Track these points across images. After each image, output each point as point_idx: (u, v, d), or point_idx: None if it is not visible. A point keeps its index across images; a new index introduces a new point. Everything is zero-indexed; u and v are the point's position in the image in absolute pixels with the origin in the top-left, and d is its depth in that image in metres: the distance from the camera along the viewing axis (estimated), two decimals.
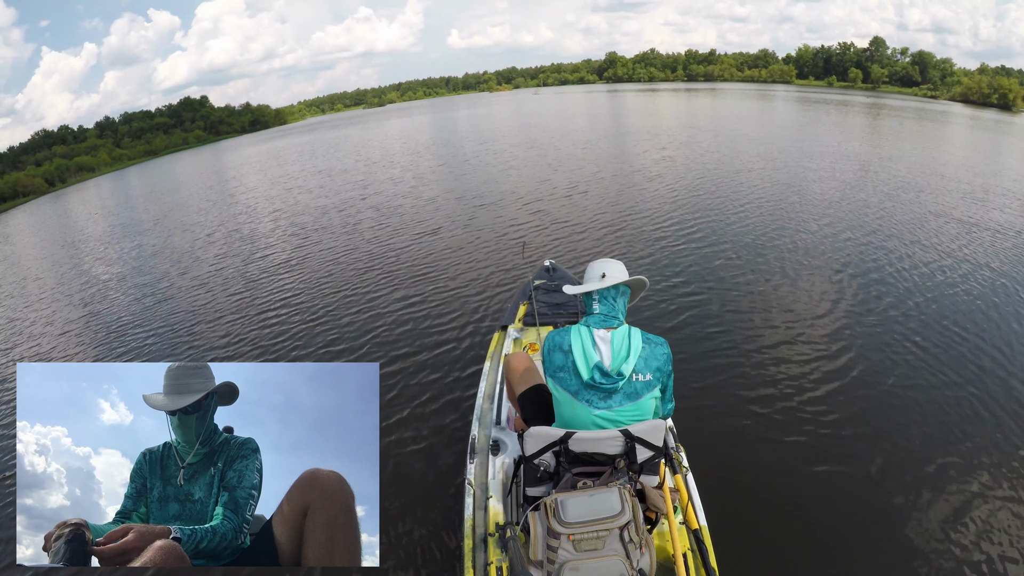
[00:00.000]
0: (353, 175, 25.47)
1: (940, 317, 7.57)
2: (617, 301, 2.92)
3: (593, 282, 2.94)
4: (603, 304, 2.89)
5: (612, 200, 15.36)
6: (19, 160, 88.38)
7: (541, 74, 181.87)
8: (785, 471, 4.92)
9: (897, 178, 16.74)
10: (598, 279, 2.93)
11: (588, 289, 2.92)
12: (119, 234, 21.00)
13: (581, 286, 2.99)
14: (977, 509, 4.45)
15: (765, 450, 5.17)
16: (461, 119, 61.05)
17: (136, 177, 54.79)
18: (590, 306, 2.93)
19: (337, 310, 9.48)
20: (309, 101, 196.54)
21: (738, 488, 4.68)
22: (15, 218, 40.33)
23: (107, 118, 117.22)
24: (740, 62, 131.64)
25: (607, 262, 3.01)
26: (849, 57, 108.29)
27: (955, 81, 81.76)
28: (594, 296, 2.92)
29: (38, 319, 12.02)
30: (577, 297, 5.89)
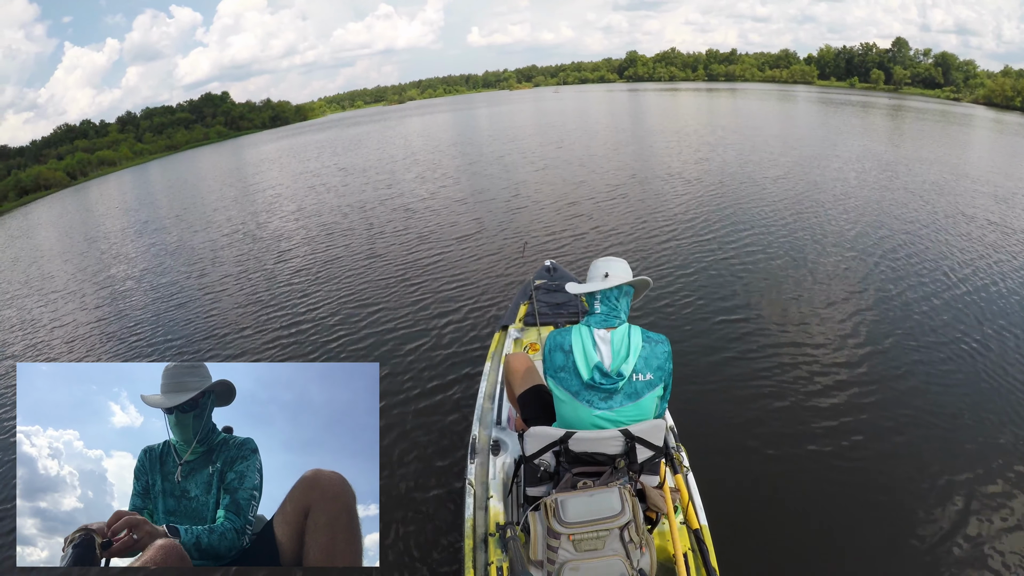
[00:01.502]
0: (354, 176, 25.52)
1: (953, 320, 7.49)
2: (620, 301, 2.87)
3: (596, 282, 2.89)
4: (605, 304, 2.85)
5: (619, 199, 15.33)
6: (41, 154, 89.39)
7: (561, 72, 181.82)
8: (786, 471, 4.91)
9: (926, 180, 16.54)
10: (601, 279, 2.89)
11: (591, 289, 2.87)
12: (132, 231, 21.20)
13: (584, 285, 2.96)
14: (982, 513, 4.40)
15: (766, 450, 5.16)
16: (474, 118, 60.95)
17: (157, 171, 55.32)
18: (592, 305, 2.89)
19: (337, 310, 9.49)
20: (329, 98, 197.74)
21: (739, 488, 4.67)
22: (37, 211, 40.84)
23: (128, 113, 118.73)
24: (761, 62, 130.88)
25: (611, 261, 2.97)
26: (871, 58, 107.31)
27: (978, 83, 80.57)
28: (596, 296, 2.87)
29: (49, 317, 12.13)
30: (578, 297, 5.90)
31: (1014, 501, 4.50)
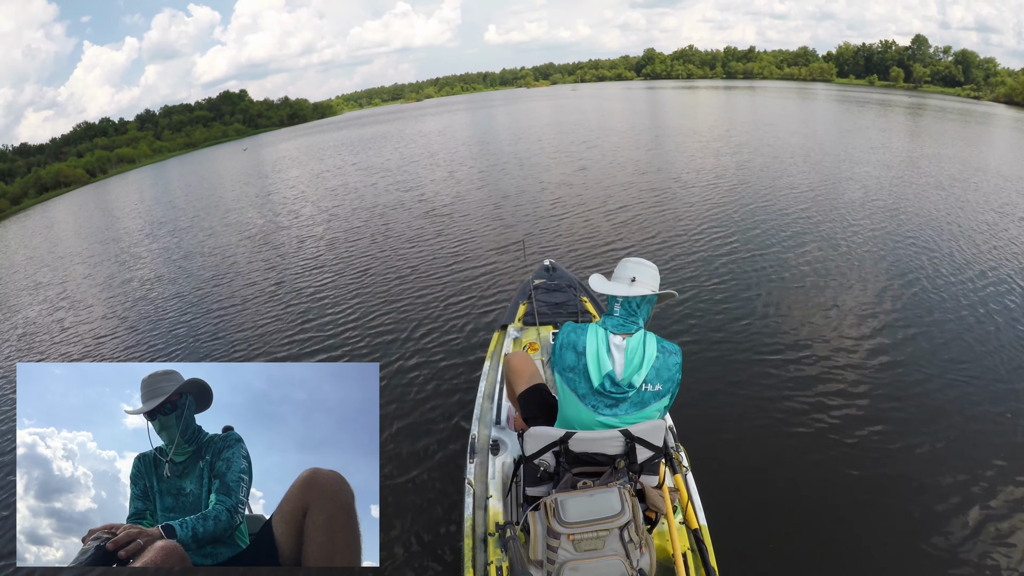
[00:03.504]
0: (354, 178, 25.56)
1: (959, 329, 7.34)
2: (640, 308, 2.81)
3: (622, 285, 2.82)
4: (625, 307, 2.79)
5: (624, 199, 15.28)
6: (61, 151, 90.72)
7: (579, 70, 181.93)
8: (786, 471, 4.88)
9: (951, 177, 16.41)
10: (627, 282, 2.81)
11: (615, 293, 2.80)
12: (144, 231, 21.32)
13: (609, 285, 2.87)
14: (982, 513, 4.35)
15: (766, 450, 5.13)
16: (489, 116, 61.02)
17: (175, 169, 55.76)
18: (611, 306, 2.84)
19: (337, 310, 9.52)
20: (347, 96, 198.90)
21: (738, 488, 4.65)
22: (57, 207, 41.31)
23: (147, 111, 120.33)
24: (780, 60, 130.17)
25: (640, 265, 2.88)
26: (891, 56, 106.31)
27: (999, 81, 79.47)
28: (617, 298, 2.84)
29: (49, 317, 12.27)
30: (577, 296, 5.88)
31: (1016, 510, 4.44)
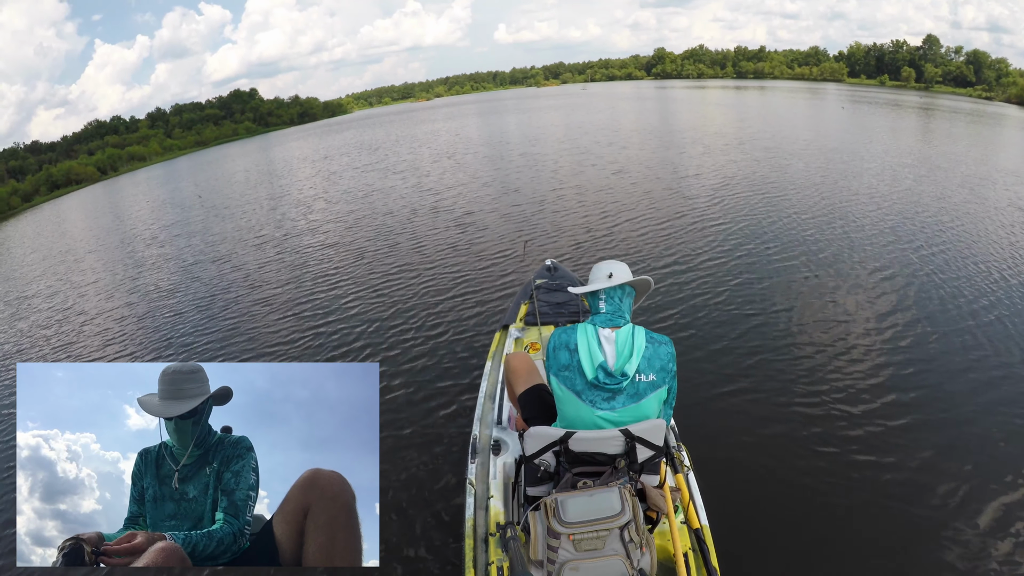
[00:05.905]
0: (354, 177, 25.64)
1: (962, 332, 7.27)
2: (623, 301, 2.91)
3: (600, 282, 2.92)
4: (609, 303, 2.88)
5: (626, 199, 15.24)
6: (72, 149, 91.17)
7: (589, 69, 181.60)
8: (787, 470, 4.88)
9: (969, 178, 16.31)
10: (604, 279, 2.92)
11: (594, 288, 2.91)
12: (149, 232, 21.28)
13: (587, 286, 2.98)
14: (984, 513, 4.34)
15: (769, 450, 5.13)
16: (497, 115, 60.92)
17: (185, 166, 55.94)
18: (596, 306, 2.91)
19: (337, 310, 9.53)
20: (357, 94, 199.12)
21: (740, 487, 4.65)
22: (68, 204, 41.54)
23: (158, 109, 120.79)
24: (790, 59, 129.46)
25: (613, 263, 3.00)
26: (902, 56, 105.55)
27: (1011, 82, 78.73)
28: (600, 296, 2.91)
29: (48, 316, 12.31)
30: (579, 297, 5.88)
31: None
